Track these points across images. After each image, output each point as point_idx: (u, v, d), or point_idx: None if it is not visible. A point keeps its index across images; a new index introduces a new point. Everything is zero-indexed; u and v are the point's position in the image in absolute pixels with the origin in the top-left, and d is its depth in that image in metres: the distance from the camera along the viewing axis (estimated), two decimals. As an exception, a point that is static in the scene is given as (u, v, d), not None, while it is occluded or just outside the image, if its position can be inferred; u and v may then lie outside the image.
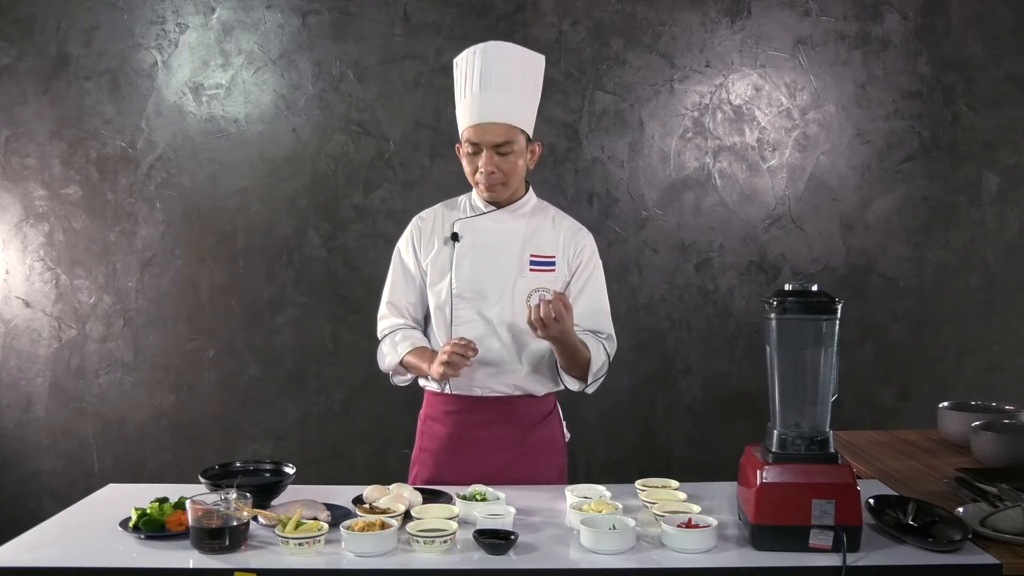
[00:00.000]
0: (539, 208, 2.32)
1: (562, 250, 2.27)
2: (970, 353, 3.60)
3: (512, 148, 2.16)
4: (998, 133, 3.58)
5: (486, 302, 2.21)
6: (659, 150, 3.57)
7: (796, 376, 1.73)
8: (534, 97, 2.23)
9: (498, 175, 2.17)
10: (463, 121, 2.20)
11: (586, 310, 2.26)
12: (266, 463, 2.09)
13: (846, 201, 3.59)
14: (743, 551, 1.69)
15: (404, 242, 2.33)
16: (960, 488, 2.02)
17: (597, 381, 2.26)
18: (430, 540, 1.67)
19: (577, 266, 2.28)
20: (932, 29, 3.56)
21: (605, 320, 2.30)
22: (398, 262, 2.34)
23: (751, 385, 3.53)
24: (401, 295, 2.32)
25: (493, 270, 2.22)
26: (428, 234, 2.30)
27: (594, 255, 2.31)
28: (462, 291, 2.22)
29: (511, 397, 2.24)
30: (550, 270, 2.24)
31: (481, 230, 2.25)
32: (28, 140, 3.57)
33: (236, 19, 3.53)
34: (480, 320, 2.21)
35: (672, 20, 3.55)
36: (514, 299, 2.21)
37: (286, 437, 3.59)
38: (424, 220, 2.33)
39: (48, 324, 3.60)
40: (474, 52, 2.18)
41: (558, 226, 2.30)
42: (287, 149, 3.56)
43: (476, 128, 2.15)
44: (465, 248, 2.24)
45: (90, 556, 1.69)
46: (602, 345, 2.25)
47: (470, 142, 2.17)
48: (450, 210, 2.32)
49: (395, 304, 2.32)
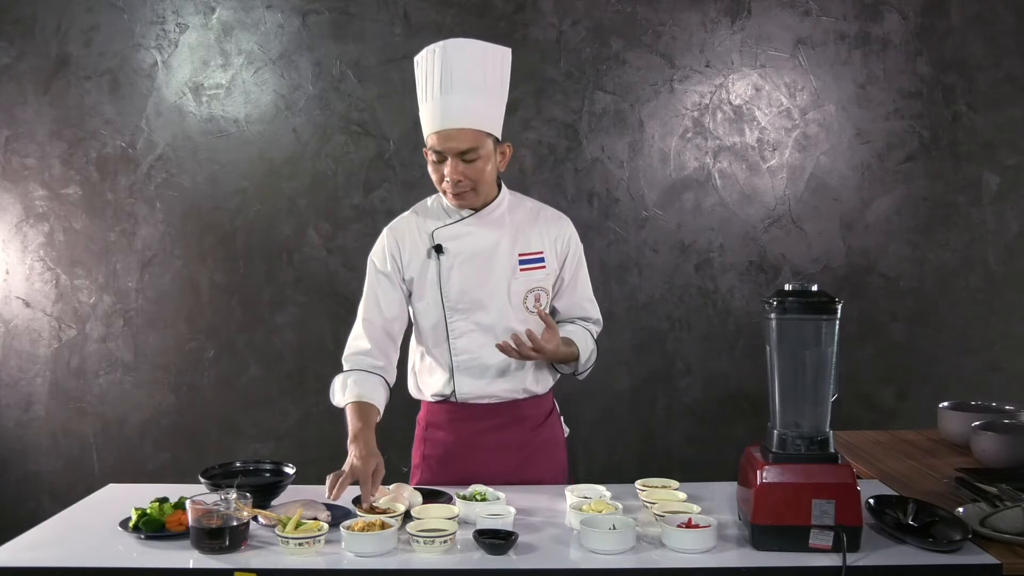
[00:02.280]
0: (515, 203, 2.24)
1: (549, 244, 2.22)
2: (970, 353, 3.60)
3: (479, 154, 2.05)
4: (998, 133, 3.58)
5: (482, 310, 2.16)
6: (659, 150, 3.57)
7: (796, 376, 1.73)
8: (500, 96, 2.13)
9: (465, 183, 2.07)
10: (426, 126, 2.10)
11: (576, 299, 2.28)
12: (266, 463, 2.10)
13: (846, 201, 3.59)
14: (743, 551, 1.69)
15: (379, 255, 2.21)
16: (960, 488, 2.02)
17: (587, 370, 2.29)
18: (430, 540, 1.67)
19: (565, 256, 2.24)
20: (932, 29, 3.55)
21: (591, 306, 2.31)
22: (374, 276, 2.20)
23: (751, 385, 3.53)
24: (378, 311, 2.18)
25: (484, 277, 2.16)
26: (407, 245, 2.18)
27: (578, 243, 2.28)
28: (456, 303, 2.15)
29: (516, 401, 2.22)
30: (540, 267, 2.20)
31: (463, 238, 2.16)
32: (28, 140, 3.57)
33: (236, 19, 3.53)
34: (478, 330, 2.16)
35: (672, 20, 3.54)
36: (510, 302, 2.17)
37: (286, 437, 3.59)
38: (398, 231, 2.21)
39: (48, 324, 3.60)
40: (434, 51, 2.07)
41: (539, 219, 2.23)
42: (287, 149, 3.56)
43: (440, 135, 2.05)
44: (451, 259, 2.15)
45: (90, 556, 1.69)
46: (589, 333, 2.26)
47: (434, 150, 2.07)
48: (423, 217, 2.21)
49: (371, 321, 2.18)
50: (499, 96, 2.13)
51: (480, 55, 2.09)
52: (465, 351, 2.17)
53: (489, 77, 2.09)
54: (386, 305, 2.18)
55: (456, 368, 2.18)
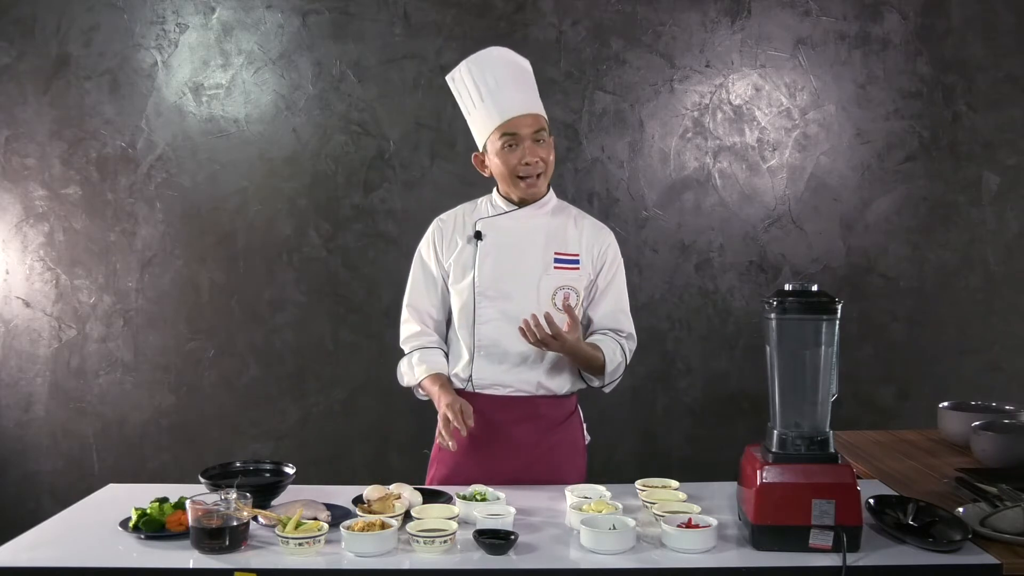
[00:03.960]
0: (560, 207, 2.32)
1: (586, 249, 2.27)
2: (970, 353, 3.60)
3: (545, 137, 2.19)
4: (998, 133, 3.58)
5: (510, 300, 2.20)
6: (659, 150, 3.57)
7: (796, 376, 1.73)
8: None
9: (540, 164, 2.18)
10: (488, 123, 2.19)
11: (608, 309, 2.29)
12: (266, 463, 2.09)
13: (846, 201, 3.59)
14: (743, 551, 1.70)
15: (425, 244, 2.32)
16: (960, 488, 2.02)
17: (613, 382, 2.30)
18: (430, 540, 1.67)
19: (601, 266, 2.29)
20: (932, 29, 3.55)
21: (625, 319, 2.32)
22: (419, 264, 2.33)
23: (751, 385, 3.53)
24: (422, 298, 2.31)
25: (517, 268, 2.22)
26: (450, 234, 2.29)
27: (617, 255, 2.32)
28: (485, 289, 2.22)
29: (534, 397, 2.23)
30: (574, 268, 2.25)
31: (504, 228, 2.25)
32: (28, 140, 3.57)
33: (236, 19, 3.53)
34: (503, 319, 2.20)
35: (672, 20, 3.54)
36: (538, 297, 2.20)
37: (286, 437, 3.59)
38: (445, 221, 2.32)
39: (48, 324, 3.60)
40: (471, 63, 2.20)
41: (580, 225, 2.30)
42: (287, 149, 3.56)
43: (510, 122, 2.16)
44: (488, 247, 2.23)
45: (90, 556, 1.69)
46: (619, 345, 2.27)
47: (507, 134, 2.17)
48: (471, 210, 2.32)
49: (416, 307, 2.31)
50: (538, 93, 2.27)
51: (514, 59, 2.25)
52: (488, 337, 2.22)
53: (529, 75, 2.25)
54: (426, 292, 2.31)
55: (477, 352, 2.23)
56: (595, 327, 2.31)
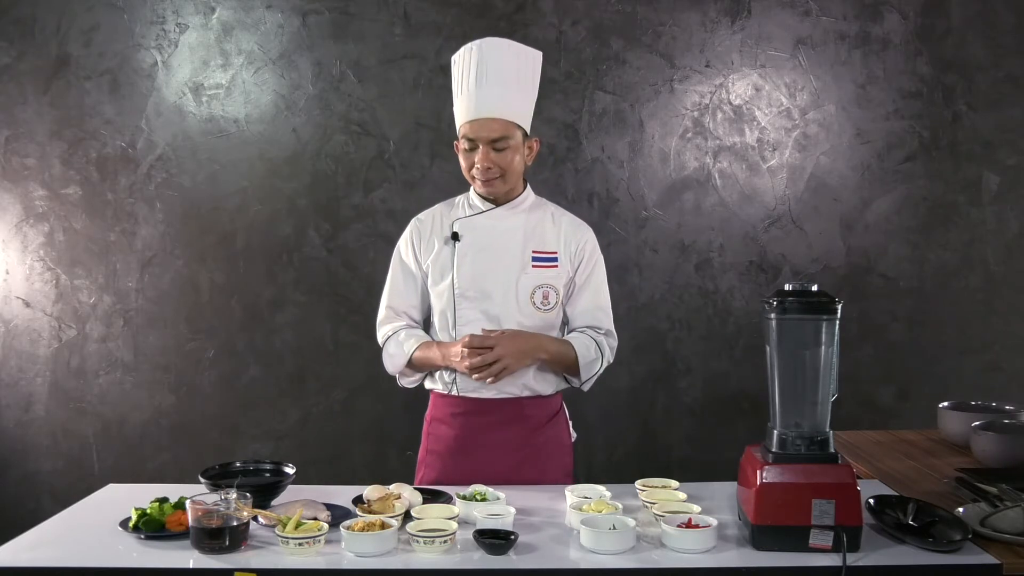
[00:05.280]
0: (538, 204, 2.31)
1: (564, 246, 2.27)
2: (970, 353, 3.60)
3: (508, 143, 2.16)
4: (998, 133, 3.58)
5: (490, 300, 2.21)
6: (659, 150, 3.57)
7: (796, 376, 1.72)
8: (531, 93, 2.23)
9: (494, 170, 2.17)
10: (460, 117, 2.20)
11: (586, 306, 2.28)
12: (266, 463, 2.09)
13: (846, 201, 3.59)
14: (743, 551, 1.69)
15: (403, 244, 2.32)
16: (960, 488, 2.02)
17: (591, 379, 2.28)
18: (430, 540, 1.67)
19: (579, 262, 2.28)
20: (932, 29, 3.55)
21: (604, 316, 2.31)
22: (398, 264, 2.33)
23: (751, 385, 3.53)
24: (401, 298, 2.31)
25: (495, 268, 2.22)
26: (428, 235, 2.29)
27: (595, 251, 2.31)
28: (465, 291, 2.21)
29: (519, 398, 2.23)
30: (552, 266, 2.24)
31: (481, 228, 2.24)
32: (28, 140, 3.57)
33: (236, 19, 3.53)
34: (484, 319, 2.20)
35: (672, 20, 3.54)
36: (518, 297, 2.21)
37: (286, 437, 3.59)
38: (422, 221, 2.32)
39: (48, 324, 3.60)
40: (471, 48, 2.18)
41: (558, 222, 2.30)
42: (287, 149, 3.56)
43: (472, 123, 2.15)
44: (466, 247, 2.23)
45: (90, 556, 1.69)
46: (594, 342, 2.26)
47: (466, 138, 2.17)
48: (448, 210, 2.31)
49: (395, 308, 2.31)
50: (529, 92, 2.23)
51: (514, 53, 2.20)
52: None
53: (521, 74, 2.19)
54: (405, 291, 2.31)
55: None
56: (573, 324, 2.30)
